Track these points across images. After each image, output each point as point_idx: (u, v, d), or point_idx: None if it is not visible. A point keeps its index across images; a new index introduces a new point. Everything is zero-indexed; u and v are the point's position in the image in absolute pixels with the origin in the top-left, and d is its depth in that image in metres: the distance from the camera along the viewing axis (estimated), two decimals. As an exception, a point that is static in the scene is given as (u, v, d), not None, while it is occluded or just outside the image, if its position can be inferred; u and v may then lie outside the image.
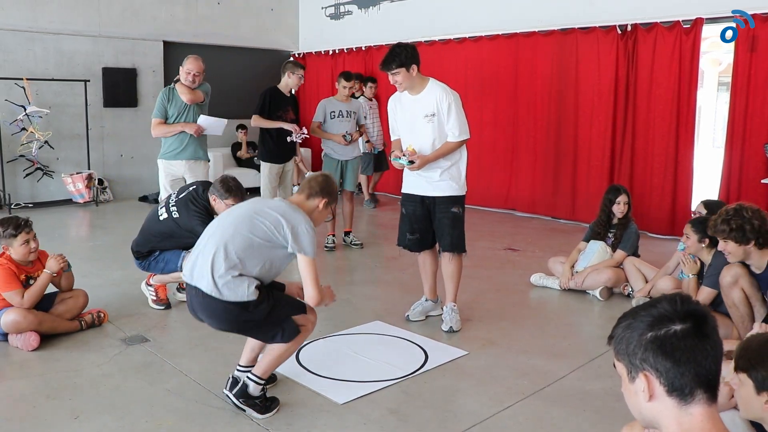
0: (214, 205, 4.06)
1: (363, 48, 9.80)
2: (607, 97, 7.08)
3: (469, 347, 3.76)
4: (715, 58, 13.95)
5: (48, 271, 3.76)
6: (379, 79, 8.82)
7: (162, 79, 9.20)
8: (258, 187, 6.26)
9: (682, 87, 6.53)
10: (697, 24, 6.35)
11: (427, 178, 3.96)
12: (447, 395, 3.19)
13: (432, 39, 8.81)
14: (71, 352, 3.61)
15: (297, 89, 5.99)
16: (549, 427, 2.88)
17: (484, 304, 4.61)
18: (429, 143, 3.91)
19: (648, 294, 4.51)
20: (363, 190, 8.95)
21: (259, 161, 6.26)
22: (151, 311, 4.32)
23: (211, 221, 4.05)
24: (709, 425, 1.28)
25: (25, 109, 7.80)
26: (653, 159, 6.83)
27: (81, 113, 8.54)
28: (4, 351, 3.60)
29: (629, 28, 6.83)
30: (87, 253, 5.97)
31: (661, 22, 6.59)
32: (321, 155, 6.32)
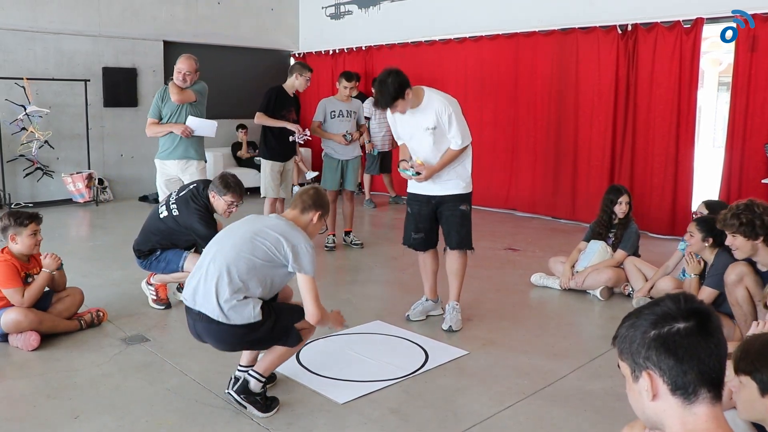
0: (213, 202, 4.06)
1: (363, 48, 9.80)
2: (608, 97, 7.08)
3: (470, 347, 3.76)
4: (716, 58, 13.94)
5: (47, 270, 3.77)
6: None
7: (162, 79, 9.19)
8: (258, 187, 6.26)
9: (682, 87, 6.53)
10: (698, 24, 6.35)
11: (434, 177, 3.98)
12: (447, 395, 3.19)
13: (432, 39, 8.82)
14: (71, 351, 3.61)
15: (300, 90, 5.97)
16: (549, 427, 2.88)
17: (484, 303, 4.61)
18: (430, 151, 3.93)
19: (648, 294, 4.51)
20: (365, 190, 8.94)
21: (260, 161, 6.25)
22: (151, 311, 4.32)
23: (211, 221, 4.06)
24: (714, 425, 1.27)
25: (25, 109, 7.80)
26: (653, 159, 6.83)
27: (81, 113, 8.54)
28: (4, 351, 3.60)
29: (629, 28, 6.83)
30: (87, 253, 5.97)
31: (662, 21, 6.59)
32: (321, 155, 6.32)
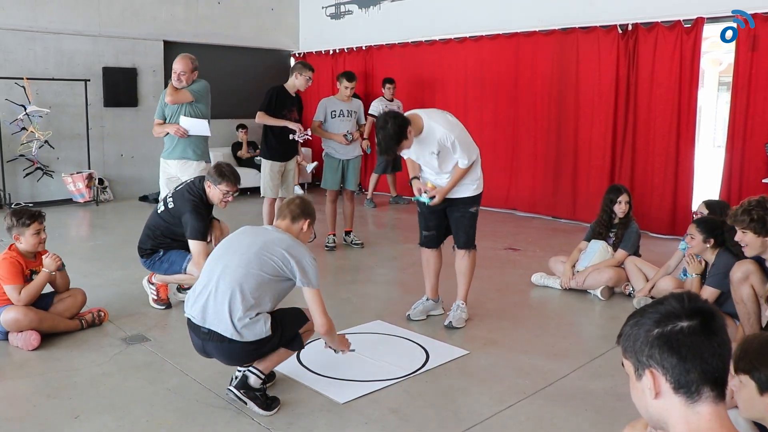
0: (208, 192, 4.12)
1: (363, 48, 9.80)
2: (608, 97, 7.08)
3: (470, 347, 3.76)
4: (716, 57, 13.92)
5: (46, 270, 3.77)
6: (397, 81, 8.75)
7: (162, 79, 9.19)
8: (258, 187, 6.25)
9: (682, 87, 6.53)
10: (698, 24, 6.34)
11: (444, 174, 4.00)
12: (448, 395, 3.19)
13: (432, 39, 8.81)
14: (71, 351, 3.61)
15: (301, 89, 5.95)
16: (550, 427, 2.87)
17: (485, 303, 4.60)
18: (438, 167, 3.98)
19: (649, 294, 4.51)
20: (369, 189, 8.92)
21: (260, 161, 6.24)
22: (152, 311, 4.31)
23: (203, 213, 4.07)
24: (718, 425, 1.26)
25: (26, 109, 7.80)
26: (654, 159, 6.82)
27: (81, 113, 8.54)
28: (4, 350, 3.60)
29: (630, 27, 6.83)
30: (87, 253, 5.97)
31: (662, 21, 6.59)
32: (322, 155, 6.32)
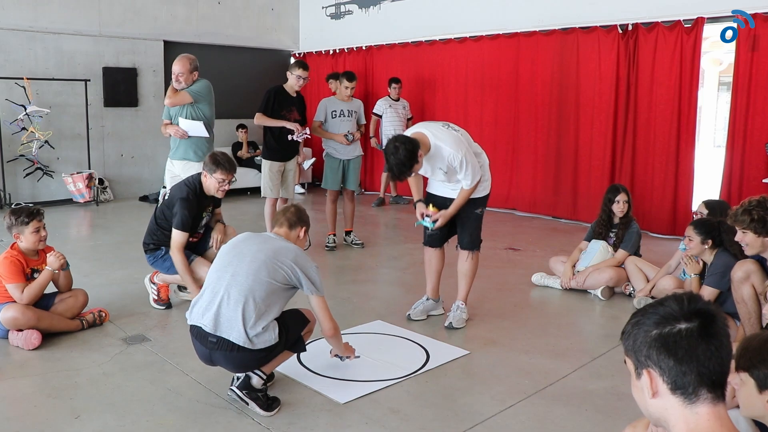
0: (205, 182, 4.15)
1: (363, 48, 9.80)
2: (608, 97, 7.08)
3: (471, 347, 3.76)
4: (716, 57, 13.94)
5: (49, 268, 3.77)
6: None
7: (162, 79, 9.19)
8: (259, 187, 6.25)
9: (683, 86, 6.53)
10: (698, 23, 6.35)
11: (452, 183, 4.00)
12: (449, 395, 3.18)
13: (432, 39, 8.82)
14: (72, 351, 3.61)
15: (299, 89, 5.91)
16: (551, 427, 2.87)
17: (485, 303, 4.60)
18: (444, 179, 3.99)
19: (649, 294, 4.51)
20: (381, 188, 8.94)
21: (260, 161, 6.24)
22: (152, 311, 4.31)
23: (192, 206, 4.08)
24: (717, 425, 1.27)
25: (26, 109, 7.80)
26: (654, 158, 6.82)
27: (81, 113, 8.54)
28: (5, 350, 3.60)
29: (630, 27, 6.83)
30: (87, 253, 5.97)
31: (662, 21, 6.59)
32: (322, 155, 6.32)
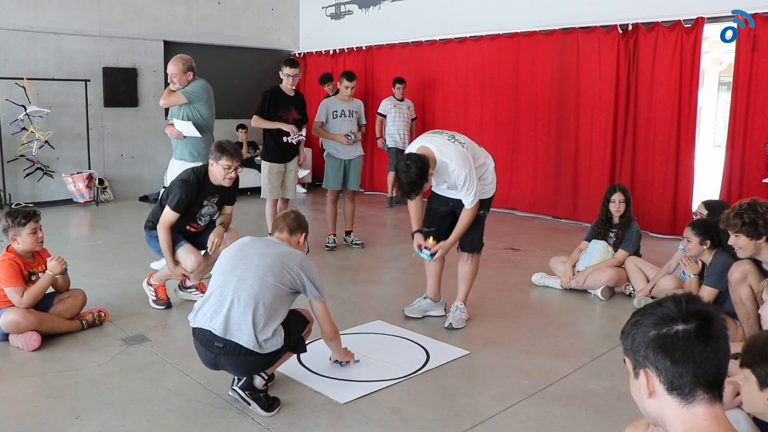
0: (211, 171, 4.17)
1: (363, 48, 9.80)
2: (608, 97, 7.08)
3: (471, 347, 3.76)
4: (716, 57, 13.95)
5: (50, 273, 3.76)
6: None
7: (162, 80, 9.18)
8: (258, 187, 6.25)
9: (683, 86, 6.53)
10: (698, 23, 6.34)
11: (456, 194, 3.98)
12: (449, 395, 3.18)
13: (432, 39, 8.81)
14: (72, 351, 3.60)
15: (292, 87, 5.87)
16: (551, 427, 2.87)
17: (485, 303, 4.60)
18: (447, 192, 4.01)
19: (649, 294, 4.51)
20: (389, 188, 8.89)
21: (260, 161, 6.23)
22: (152, 311, 4.32)
23: (191, 191, 4.08)
24: (714, 425, 1.28)
25: (26, 109, 7.80)
26: (654, 158, 6.82)
27: (81, 113, 8.54)
28: (4, 351, 3.60)
29: (630, 27, 6.83)
30: (87, 253, 5.97)
31: (662, 21, 6.59)
32: (323, 155, 6.31)
